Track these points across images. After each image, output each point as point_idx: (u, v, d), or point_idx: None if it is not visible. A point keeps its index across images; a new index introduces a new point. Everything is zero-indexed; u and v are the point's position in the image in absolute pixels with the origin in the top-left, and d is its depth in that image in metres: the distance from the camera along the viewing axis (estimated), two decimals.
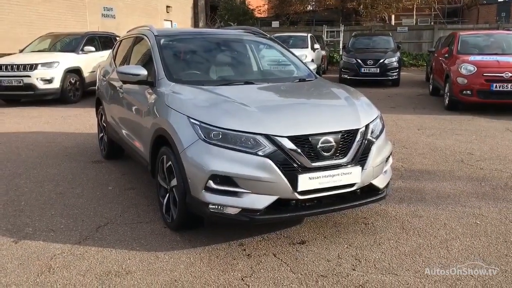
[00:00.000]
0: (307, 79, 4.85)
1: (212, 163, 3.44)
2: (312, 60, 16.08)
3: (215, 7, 32.42)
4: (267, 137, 3.44)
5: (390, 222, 4.20)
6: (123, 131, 5.27)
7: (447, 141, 7.41)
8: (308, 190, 3.52)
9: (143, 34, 5.17)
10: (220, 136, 3.48)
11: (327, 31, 25.77)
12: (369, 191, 3.88)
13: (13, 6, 13.99)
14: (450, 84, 10.21)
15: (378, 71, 15.12)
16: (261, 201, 3.45)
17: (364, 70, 15.19)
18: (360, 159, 3.71)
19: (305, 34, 17.49)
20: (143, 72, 4.39)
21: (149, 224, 4.14)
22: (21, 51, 12.79)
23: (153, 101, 4.25)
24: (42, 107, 11.26)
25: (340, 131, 3.65)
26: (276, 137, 3.44)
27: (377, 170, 3.85)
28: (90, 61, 12.35)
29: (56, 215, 4.38)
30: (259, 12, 36.69)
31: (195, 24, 27.41)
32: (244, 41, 5.28)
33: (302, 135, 3.51)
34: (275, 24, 28.30)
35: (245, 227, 3.94)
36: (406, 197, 4.86)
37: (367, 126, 3.83)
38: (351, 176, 3.64)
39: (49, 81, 11.31)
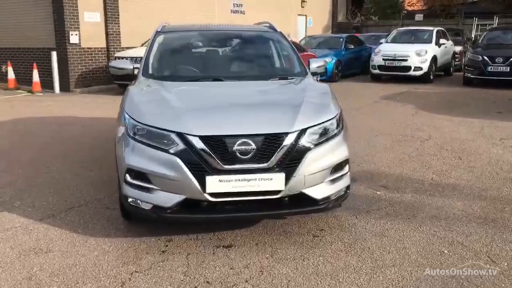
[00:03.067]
0: (288, 77, 4.61)
1: (129, 157, 3.55)
2: (435, 57, 14.86)
3: (360, 0, 31.56)
4: (180, 135, 3.42)
5: (343, 238, 3.82)
6: None
7: None
8: (222, 193, 3.41)
9: None
10: (144, 132, 3.56)
11: (477, 25, 23.33)
12: (301, 201, 3.59)
13: (145, 3, 15.45)
14: None
15: (508, 70, 13.29)
16: (170, 199, 3.45)
17: (490, 68, 13.48)
18: (288, 166, 3.45)
19: (431, 29, 16.11)
20: (129, 66, 4.64)
21: (113, 211, 4.38)
22: (142, 44, 14.13)
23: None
24: None
25: (263, 134, 3.44)
26: (188, 136, 3.40)
27: (312, 179, 3.54)
28: None
29: (51, 194, 4.89)
30: (409, 4, 34.73)
31: (334, 18, 27.04)
32: (243, 37, 5.21)
33: (215, 135, 3.41)
34: (419, 17, 26.54)
35: (185, 224, 3.96)
36: (393, 213, 4.35)
37: (303, 131, 3.53)
38: (272, 182, 3.42)
39: None
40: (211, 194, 3.39)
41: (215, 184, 3.36)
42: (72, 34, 13.05)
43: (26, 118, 9.29)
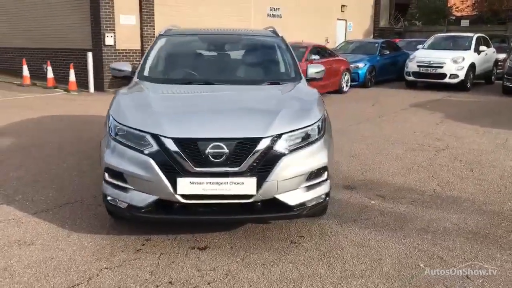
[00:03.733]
0: (280, 83, 4.59)
1: (108, 157, 3.66)
2: (473, 64, 14.36)
3: (405, 5, 30.92)
4: (155, 136, 3.49)
5: (320, 246, 3.77)
6: None
7: None
8: (194, 195, 3.45)
9: None
10: (124, 133, 3.66)
11: None
12: (274, 206, 3.57)
13: (180, 6, 15.77)
14: None
15: None
16: (143, 199, 3.52)
17: None
18: (260, 171, 3.45)
19: (471, 35, 15.56)
20: (128, 69, 4.77)
21: (103, 209, 4.48)
22: None
23: None
24: None
25: (236, 139, 3.46)
26: (162, 137, 3.46)
27: (285, 185, 3.52)
28: None
29: (53, 189, 5.08)
30: (457, 10, 33.69)
31: (375, 23, 26.60)
32: (242, 41, 5.24)
33: (188, 138, 3.45)
34: (465, 23, 25.72)
35: (158, 224, 4.02)
36: (380, 223, 4.25)
37: (278, 136, 3.52)
38: (243, 186, 3.43)
39: None
40: (183, 196, 3.44)
41: (186, 186, 3.41)
42: (107, 36, 13.48)
43: (56, 116, 9.68)
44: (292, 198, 3.58)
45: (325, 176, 3.76)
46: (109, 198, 3.70)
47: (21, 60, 14.73)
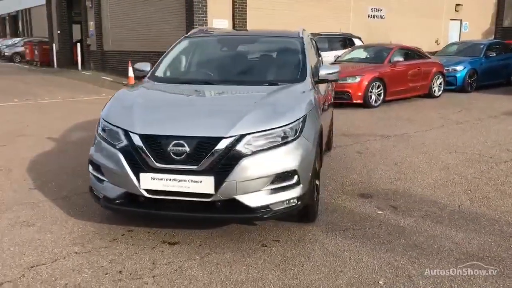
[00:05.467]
0: (279, 83, 4.48)
1: (92, 150, 3.96)
2: None
3: None
4: (125, 132, 3.68)
5: (287, 252, 3.65)
6: None
7: None
8: (157, 190, 3.57)
9: None
10: (107, 129, 3.90)
11: None
12: (234, 207, 3.55)
13: (273, 10, 15.97)
14: None
15: None
16: (114, 191, 3.73)
17: None
18: (220, 170, 3.46)
19: None
20: (147, 69, 5.05)
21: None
22: None
23: None
24: None
25: (197, 137, 3.51)
26: (131, 133, 3.64)
27: (246, 186, 3.48)
28: None
29: (80, 179, 5.53)
30: None
31: (498, 23, 24.29)
32: (257, 42, 5.21)
33: (153, 134, 3.58)
34: None
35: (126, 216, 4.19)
36: (371, 235, 3.98)
37: (241, 137, 3.49)
38: (201, 185, 3.47)
39: None
40: (147, 191, 3.57)
41: (148, 181, 3.54)
42: None
43: None
44: (254, 200, 3.52)
45: (294, 180, 3.62)
46: (93, 189, 3.97)
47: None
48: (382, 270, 3.38)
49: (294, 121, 3.71)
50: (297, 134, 3.69)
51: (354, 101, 10.88)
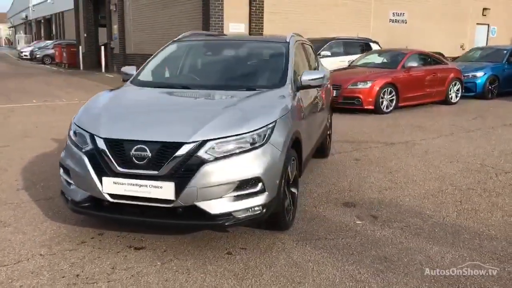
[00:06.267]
0: (257, 89, 4.42)
1: (62, 153, 3.99)
2: None
3: None
4: (91, 136, 3.69)
5: (251, 261, 3.58)
6: None
7: None
8: (119, 195, 3.57)
9: None
10: (77, 132, 3.93)
11: None
12: (195, 213, 3.50)
13: (291, 14, 15.90)
14: None
15: None
16: (80, 195, 3.74)
17: None
18: (180, 176, 3.43)
19: None
20: (132, 72, 5.07)
21: None
22: None
23: None
24: None
25: (159, 142, 3.49)
26: (96, 137, 3.64)
27: (207, 193, 3.44)
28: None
29: None
30: None
31: None
32: (243, 47, 5.15)
33: (116, 139, 3.58)
34: None
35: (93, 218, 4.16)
36: (341, 246, 3.87)
37: (203, 142, 3.45)
38: (161, 191, 3.45)
39: None
40: (110, 195, 3.57)
41: (110, 185, 3.53)
42: None
43: None
44: (215, 207, 3.47)
45: (258, 187, 3.55)
46: (63, 192, 3.99)
47: None
48: (342, 283, 3.27)
49: (262, 127, 3.64)
50: (265, 140, 3.63)
51: (365, 107, 10.70)
